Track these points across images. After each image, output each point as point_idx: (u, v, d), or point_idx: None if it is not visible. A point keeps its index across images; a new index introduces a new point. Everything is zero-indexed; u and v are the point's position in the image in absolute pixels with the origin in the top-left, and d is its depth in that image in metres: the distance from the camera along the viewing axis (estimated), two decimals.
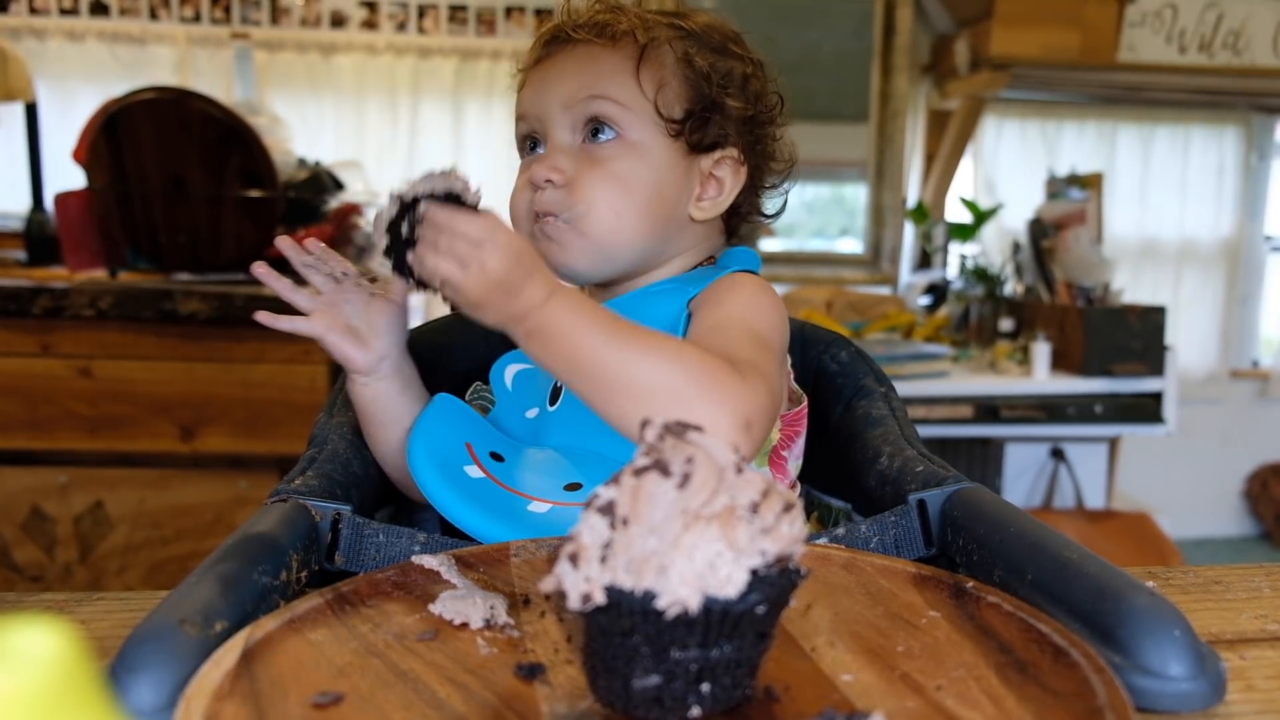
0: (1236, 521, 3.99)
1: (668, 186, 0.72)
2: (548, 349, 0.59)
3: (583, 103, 0.71)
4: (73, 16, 3.09)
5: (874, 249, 3.54)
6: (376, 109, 3.25)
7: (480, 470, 0.67)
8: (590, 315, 0.59)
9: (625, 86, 0.71)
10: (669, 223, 0.74)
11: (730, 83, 0.74)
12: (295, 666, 0.43)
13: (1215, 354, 3.87)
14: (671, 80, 0.72)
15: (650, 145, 0.72)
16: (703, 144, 0.73)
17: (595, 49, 0.72)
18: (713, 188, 0.75)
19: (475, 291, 0.57)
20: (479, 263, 0.56)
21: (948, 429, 2.57)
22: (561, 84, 0.72)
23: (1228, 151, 3.77)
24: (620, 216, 0.71)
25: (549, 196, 0.71)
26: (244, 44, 3.19)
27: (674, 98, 0.72)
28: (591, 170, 0.71)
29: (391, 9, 3.24)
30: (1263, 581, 0.59)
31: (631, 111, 0.71)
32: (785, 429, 0.74)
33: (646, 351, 0.58)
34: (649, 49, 0.72)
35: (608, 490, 0.39)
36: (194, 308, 1.72)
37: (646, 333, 0.60)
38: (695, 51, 0.73)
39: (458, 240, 0.56)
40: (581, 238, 0.71)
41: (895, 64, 3.39)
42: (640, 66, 0.71)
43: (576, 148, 0.72)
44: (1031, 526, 0.54)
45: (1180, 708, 0.42)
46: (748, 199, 0.79)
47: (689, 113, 0.72)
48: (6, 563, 1.79)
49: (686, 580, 0.37)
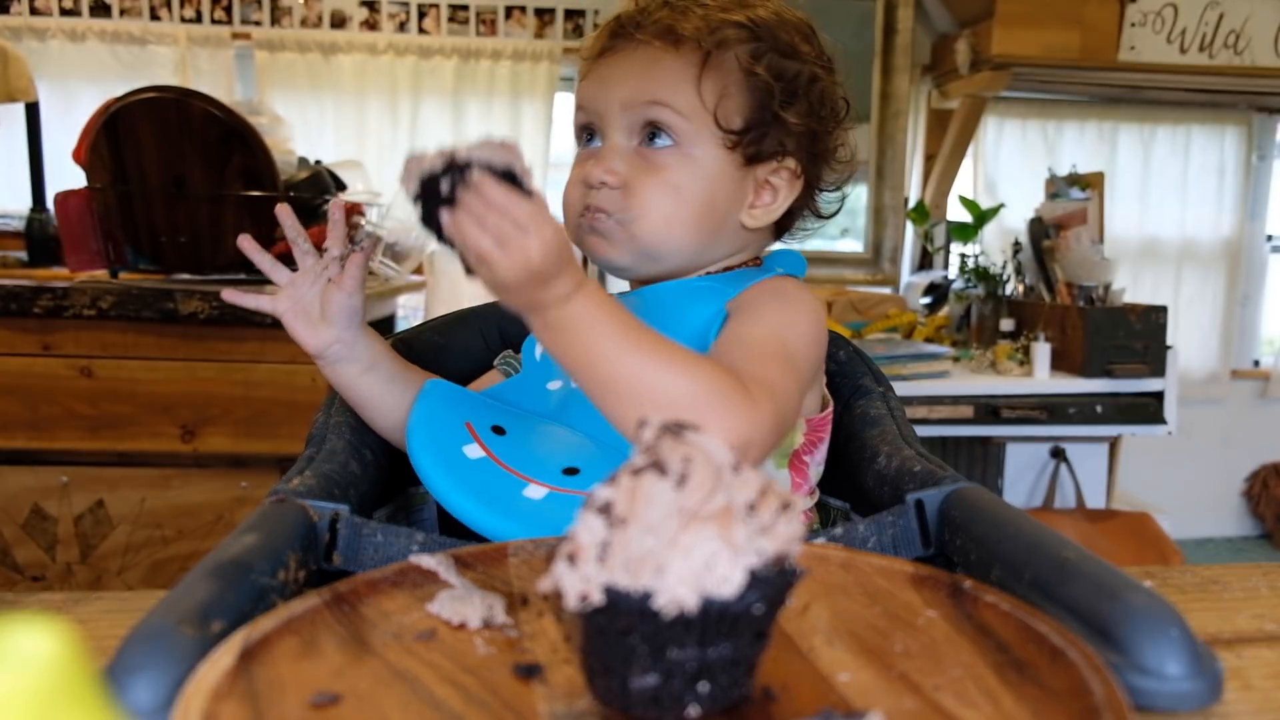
0: (1237, 522, 3.99)
1: (720, 196, 0.73)
2: (563, 343, 0.58)
3: (642, 107, 0.71)
4: (74, 16, 3.10)
5: (875, 249, 3.54)
6: (377, 109, 3.25)
7: (480, 448, 0.68)
8: (611, 317, 0.58)
9: (685, 95, 0.71)
10: (720, 229, 0.74)
11: (795, 91, 0.73)
12: (293, 667, 0.43)
13: (1216, 354, 3.86)
14: (733, 90, 0.72)
15: (706, 155, 0.72)
16: (760, 155, 0.73)
17: (658, 51, 0.72)
18: (767, 195, 0.75)
19: (510, 275, 0.56)
20: (521, 248, 0.55)
21: (948, 429, 2.57)
22: (623, 84, 0.72)
23: (1228, 151, 3.76)
24: (671, 224, 0.71)
25: (603, 196, 0.72)
26: (245, 44, 3.19)
27: (734, 109, 0.72)
28: (647, 177, 0.71)
29: (392, 9, 3.24)
30: (1260, 581, 0.59)
31: (690, 121, 0.71)
32: (810, 433, 0.74)
33: (659, 361, 0.58)
34: (713, 56, 0.71)
35: (605, 490, 0.39)
36: (195, 307, 1.73)
37: (663, 342, 0.60)
38: (761, 57, 0.72)
39: (505, 219, 0.55)
40: (631, 239, 0.72)
41: (896, 64, 3.39)
42: (702, 75, 0.71)
43: (632, 150, 0.72)
44: (1029, 526, 0.54)
45: (1177, 707, 0.42)
46: (802, 204, 0.78)
47: (748, 125, 0.72)
48: (7, 562, 1.79)
49: (684, 580, 0.37)
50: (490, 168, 0.56)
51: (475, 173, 0.56)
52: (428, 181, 0.57)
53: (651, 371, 0.58)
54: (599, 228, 0.73)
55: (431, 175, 0.56)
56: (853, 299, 2.85)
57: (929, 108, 3.51)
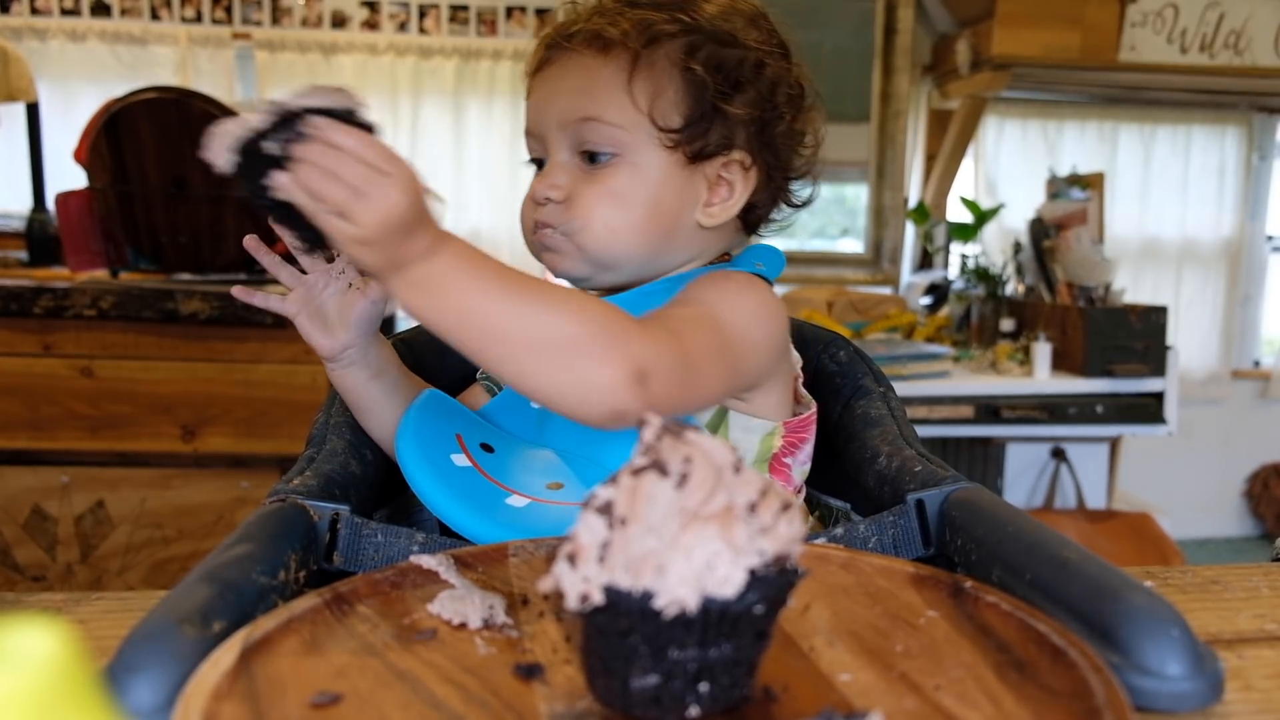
0: (1238, 522, 3.99)
1: (667, 198, 0.71)
2: (432, 301, 0.54)
3: (575, 126, 0.70)
4: (74, 16, 3.10)
5: (875, 249, 3.54)
6: (377, 109, 3.20)
7: (467, 458, 0.68)
8: (480, 266, 0.55)
9: (616, 103, 0.69)
10: (672, 233, 0.72)
11: (738, 81, 0.70)
12: (293, 666, 0.43)
13: (1216, 354, 3.86)
14: (668, 87, 0.69)
15: (647, 159, 0.70)
16: (704, 152, 0.71)
17: (588, 60, 0.70)
18: (722, 192, 0.73)
19: (371, 227, 0.51)
20: (384, 194, 0.51)
21: (949, 429, 2.57)
22: (556, 102, 0.71)
23: (1229, 151, 3.76)
24: (616, 232, 0.70)
25: (549, 211, 0.71)
26: (245, 44, 3.19)
27: (670, 106, 0.69)
28: (588, 187, 0.70)
29: (392, 9, 3.24)
30: (1261, 581, 0.59)
31: (626, 130, 0.69)
32: (789, 435, 0.73)
33: (538, 303, 0.55)
34: (642, 56, 0.69)
35: (606, 490, 0.39)
36: (195, 307, 1.73)
37: (540, 284, 0.56)
38: (697, 50, 0.70)
39: (359, 165, 0.51)
40: (579, 250, 0.71)
41: (896, 64, 3.39)
42: (633, 77, 0.69)
43: (575, 165, 0.71)
44: (1030, 526, 0.54)
45: (1178, 707, 0.42)
46: (765, 196, 0.75)
47: (687, 121, 0.69)
48: (8, 563, 1.79)
49: (685, 580, 0.37)
50: (328, 114, 0.51)
51: (310, 121, 0.50)
52: (249, 147, 0.50)
53: (532, 314, 0.54)
54: (548, 242, 0.72)
55: (252, 138, 0.50)
56: (853, 299, 2.85)
57: (929, 108, 3.51)
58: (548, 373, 0.55)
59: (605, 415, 0.55)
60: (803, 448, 0.75)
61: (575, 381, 0.55)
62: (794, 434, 0.74)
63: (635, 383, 0.55)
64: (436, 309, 0.54)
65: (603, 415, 0.55)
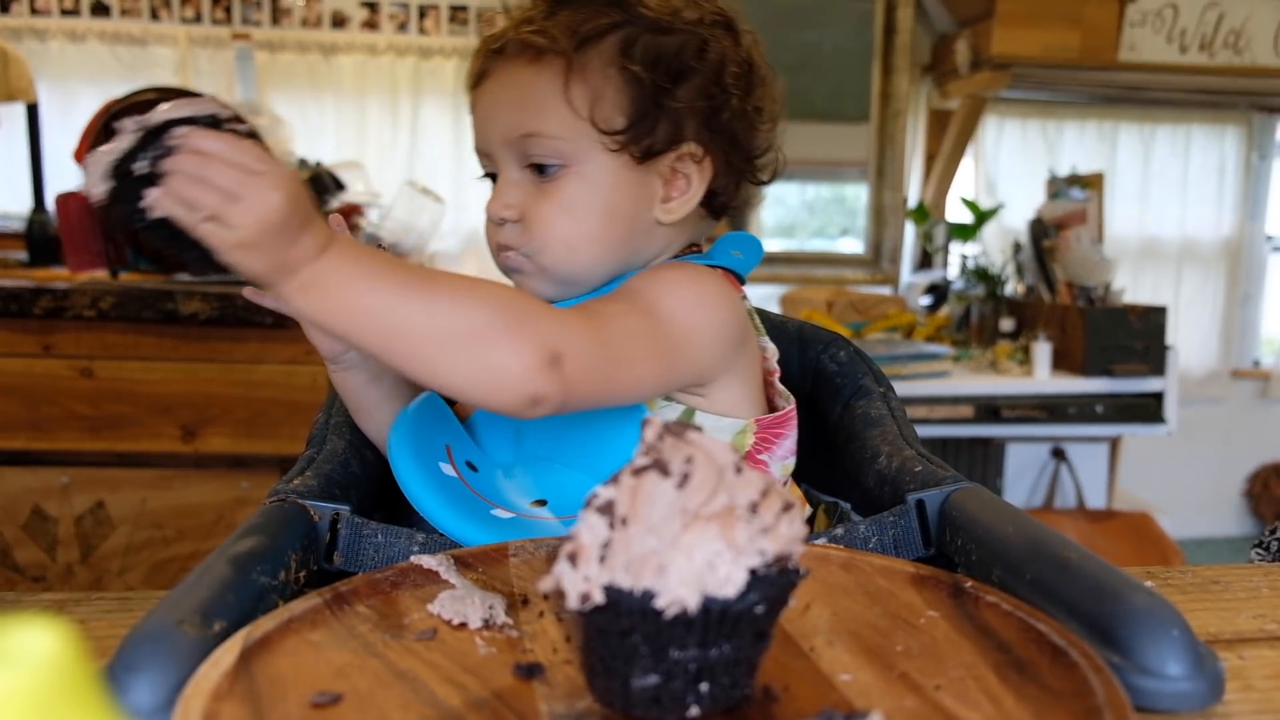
0: (1238, 521, 3.99)
1: (621, 203, 0.69)
2: (327, 305, 0.52)
3: (518, 142, 0.68)
4: (74, 17, 3.10)
5: (875, 249, 3.54)
6: (377, 109, 3.25)
7: (453, 470, 0.68)
8: (373, 263, 0.53)
9: (556, 114, 0.66)
10: (631, 236, 0.70)
11: (680, 69, 0.67)
12: (294, 666, 0.43)
13: (1216, 354, 3.86)
14: (606, 89, 0.66)
15: (596, 167, 0.68)
16: (653, 150, 0.68)
17: (521, 70, 0.68)
18: (680, 185, 0.71)
19: (249, 229, 0.49)
20: (260, 195, 0.49)
21: (949, 429, 2.57)
22: (498, 118, 0.69)
23: (1228, 151, 3.77)
24: (574, 248, 0.68)
25: (507, 233, 0.69)
26: (245, 44, 3.19)
27: (612, 108, 0.67)
28: (539, 204, 0.68)
29: (392, 9, 3.24)
30: (1261, 581, 0.59)
31: (568, 140, 0.67)
32: (761, 432, 0.71)
33: (438, 295, 0.54)
34: (575, 61, 0.66)
35: (607, 490, 0.39)
36: (195, 308, 1.73)
37: (439, 275, 0.55)
38: (632, 44, 0.67)
39: (231, 168, 0.49)
40: (542, 270, 0.69)
41: (896, 64, 3.39)
42: (568, 84, 0.66)
43: (527, 180, 0.69)
44: (1030, 526, 0.54)
45: (1178, 707, 0.42)
46: (727, 181, 0.73)
47: (631, 120, 0.67)
48: (8, 563, 1.79)
49: (685, 580, 0.37)
50: (193, 121, 0.49)
51: (176, 131, 0.48)
52: (120, 170, 0.49)
53: (430, 309, 0.53)
54: (511, 264, 0.70)
55: (121, 160, 0.49)
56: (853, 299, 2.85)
57: (929, 108, 3.51)
58: (455, 364, 0.54)
59: (520, 401, 0.54)
60: (781, 444, 0.72)
61: (484, 370, 0.54)
62: (768, 430, 0.71)
63: (547, 365, 0.54)
64: (332, 311, 0.52)
65: (517, 401, 0.54)
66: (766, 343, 0.76)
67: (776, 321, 0.86)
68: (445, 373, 0.54)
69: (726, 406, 0.70)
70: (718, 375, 0.69)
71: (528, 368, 0.54)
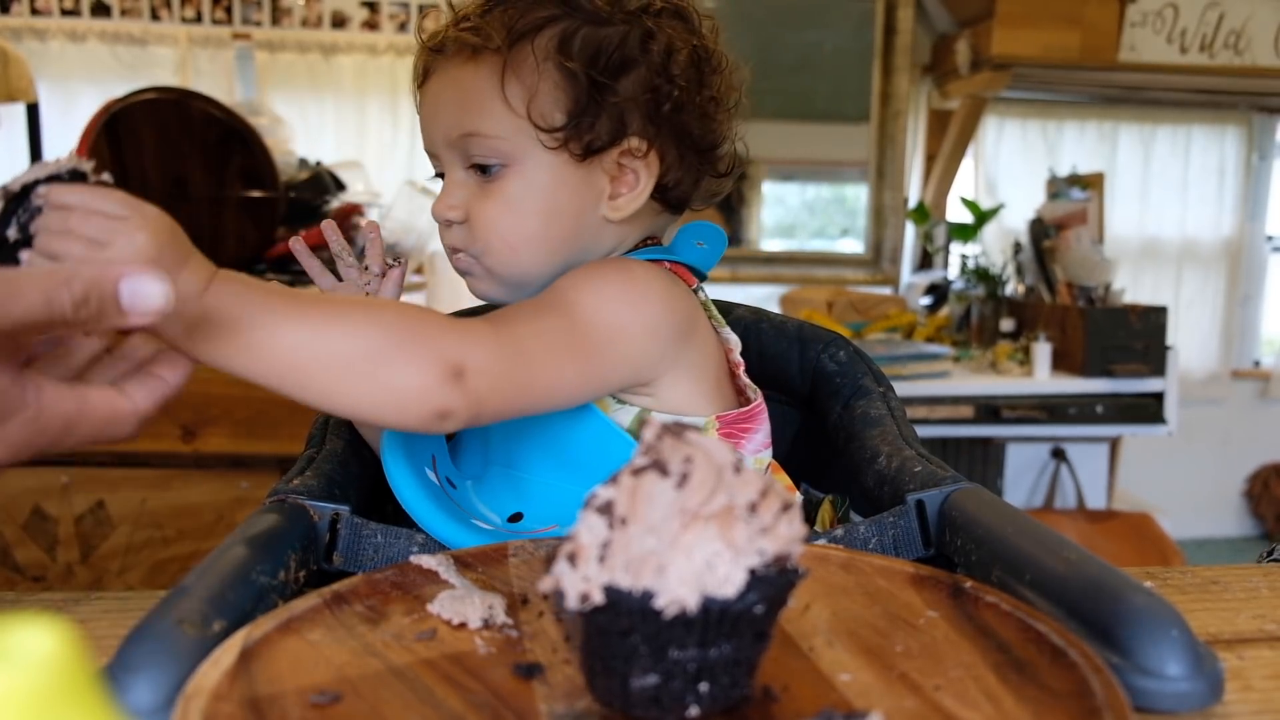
0: (1238, 522, 3.99)
1: (564, 201, 0.67)
2: (217, 343, 0.50)
3: (459, 142, 0.67)
4: (74, 17, 3.10)
5: (875, 249, 3.54)
6: (377, 109, 3.25)
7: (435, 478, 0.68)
8: (261, 295, 0.51)
9: (493, 113, 0.65)
10: (577, 234, 0.69)
11: (622, 61, 0.66)
12: (293, 666, 0.43)
13: (1216, 354, 3.87)
14: (543, 85, 0.65)
15: (536, 165, 0.66)
16: (594, 146, 0.66)
17: (458, 69, 0.67)
18: (628, 180, 0.68)
19: None
20: (124, 240, 0.47)
21: (949, 429, 2.57)
22: (439, 119, 0.68)
23: (1229, 151, 3.77)
24: (516, 248, 0.67)
25: (454, 234, 0.69)
26: (245, 44, 3.19)
27: (550, 104, 0.65)
28: (481, 204, 0.67)
29: (392, 9, 3.24)
30: (1260, 582, 0.59)
31: (507, 138, 0.66)
32: (724, 429, 0.69)
33: (329, 320, 0.52)
34: (511, 58, 0.65)
35: (606, 490, 0.39)
36: None
37: (330, 301, 0.55)
38: (570, 38, 0.65)
39: (93, 218, 0.48)
40: (489, 272, 0.69)
41: (896, 64, 3.39)
42: (505, 81, 0.65)
43: (471, 181, 0.68)
44: (1029, 527, 0.54)
45: (1178, 707, 0.42)
46: (680, 174, 0.70)
47: (570, 116, 0.65)
48: (8, 563, 1.79)
49: (685, 580, 0.37)
50: (57, 178, 0.49)
51: (40, 190, 0.48)
52: None
53: (328, 333, 0.52)
54: (461, 266, 0.70)
55: None
56: (853, 299, 2.85)
57: (929, 108, 3.51)
58: (352, 389, 0.53)
59: (426, 418, 0.54)
60: (750, 437, 0.71)
61: (384, 391, 0.53)
62: (733, 426, 0.69)
63: (450, 379, 0.54)
64: (222, 351, 0.50)
65: (423, 418, 0.54)
66: (728, 334, 0.74)
67: (777, 321, 0.86)
68: (344, 398, 0.53)
69: (679, 404, 0.68)
70: (661, 373, 0.66)
71: (427, 384, 0.53)
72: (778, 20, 3.27)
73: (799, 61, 3.31)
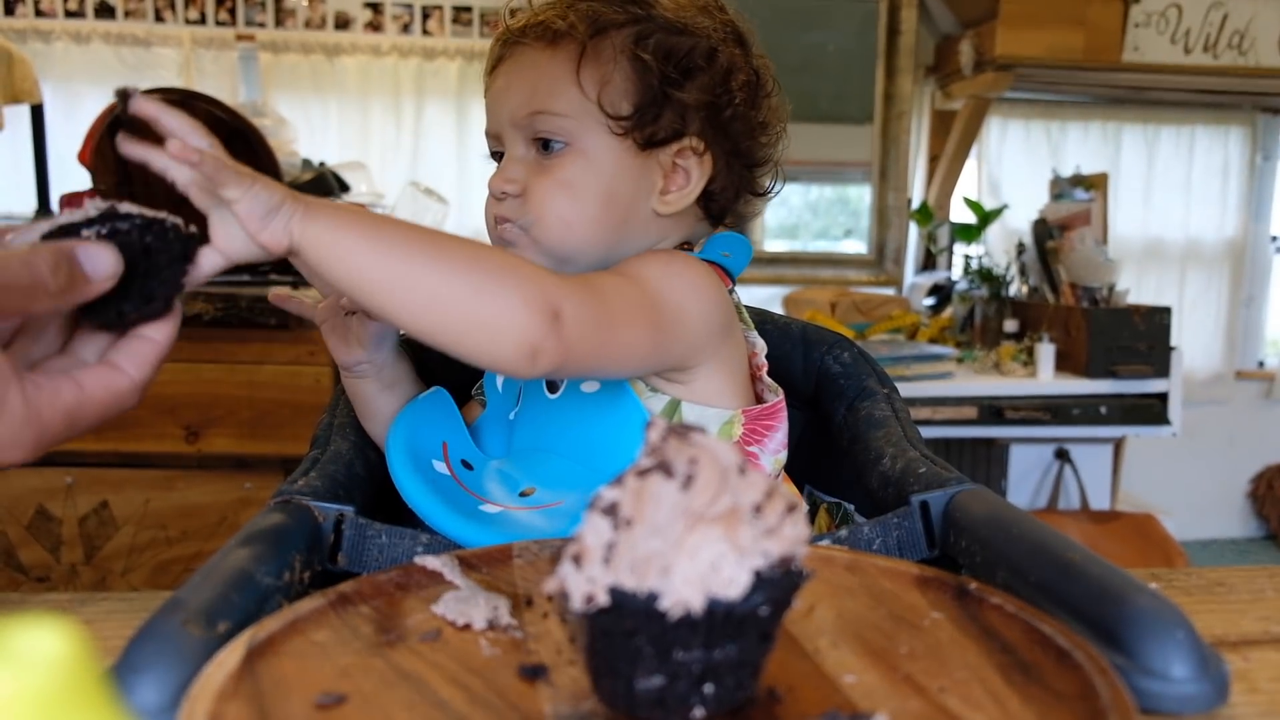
0: (1242, 523, 3.98)
1: (621, 187, 0.70)
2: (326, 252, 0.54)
3: (527, 120, 0.70)
4: (78, 18, 3.10)
5: (878, 250, 3.54)
6: (381, 110, 3.25)
7: (446, 468, 0.69)
8: (370, 217, 0.56)
9: (565, 94, 0.69)
10: (627, 222, 0.71)
11: (689, 68, 0.70)
12: (298, 667, 0.43)
13: (1220, 355, 3.86)
14: (615, 75, 0.69)
15: (599, 148, 0.70)
16: (656, 138, 0.70)
17: (537, 54, 0.70)
18: (679, 179, 0.73)
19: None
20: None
21: (952, 430, 2.57)
22: (508, 99, 0.71)
23: (1233, 152, 3.76)
24: (570, 225, 0.69)
25: (507, 205, 0.71)
26: (249, 46, 3.19)
27: (619, 94, 0.69)
28: (540, 179, 0.70)
29: (396, 10, 3.25)
30: (1266, 584, 0.59)
31: (574, 118, 0.69)
32: (749, 424, 0.72)
33: (446, 246, 0.55)
34: (590, 46, 0.69)
35: (611, 491, 0.39)
36: (199, 309, 1.73)
37: (438, 232, 0.57)
38: (647, 38, 0.69)
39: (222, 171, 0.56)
40: (535, 244, 0.71)
41: (899, 65, 3.39)
42: (581, 66, 0.69)
43: (531, 159, 0.71)
44: (1034, 528, 0.54)
45: (1183, 709, 0.42)
46: (725, 184, 0.74)
47: (637, 107, 0.69)
48: (12, 563, 1.80)
49: (690, 581, 0.37)
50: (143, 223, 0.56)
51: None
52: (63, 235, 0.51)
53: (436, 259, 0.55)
54: (507, 236, 0.71)
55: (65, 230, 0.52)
56: (856, 300, 2.85)
57: (932, 109, 3.51)
58: (459, 310, 0.55)
59: (518, 351, 0.55)
60: (772, 435, 0.73)
61: (489, 315, 0.55)
62: (756, 422, 0.72)
63: (549, 319, 0.55)
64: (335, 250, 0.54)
65: (516, 351, 0.55)
66: (754, 337, 0.77)
67: (780, 323, 0.86)
68: (446, 319, 0.55)
69: (710, 396, 0.71)
70: (702, 361, 0.69)
71: (530, 317, 0.55)
72: (781, 21, 3.27)
73: (802, 62, 3.31)
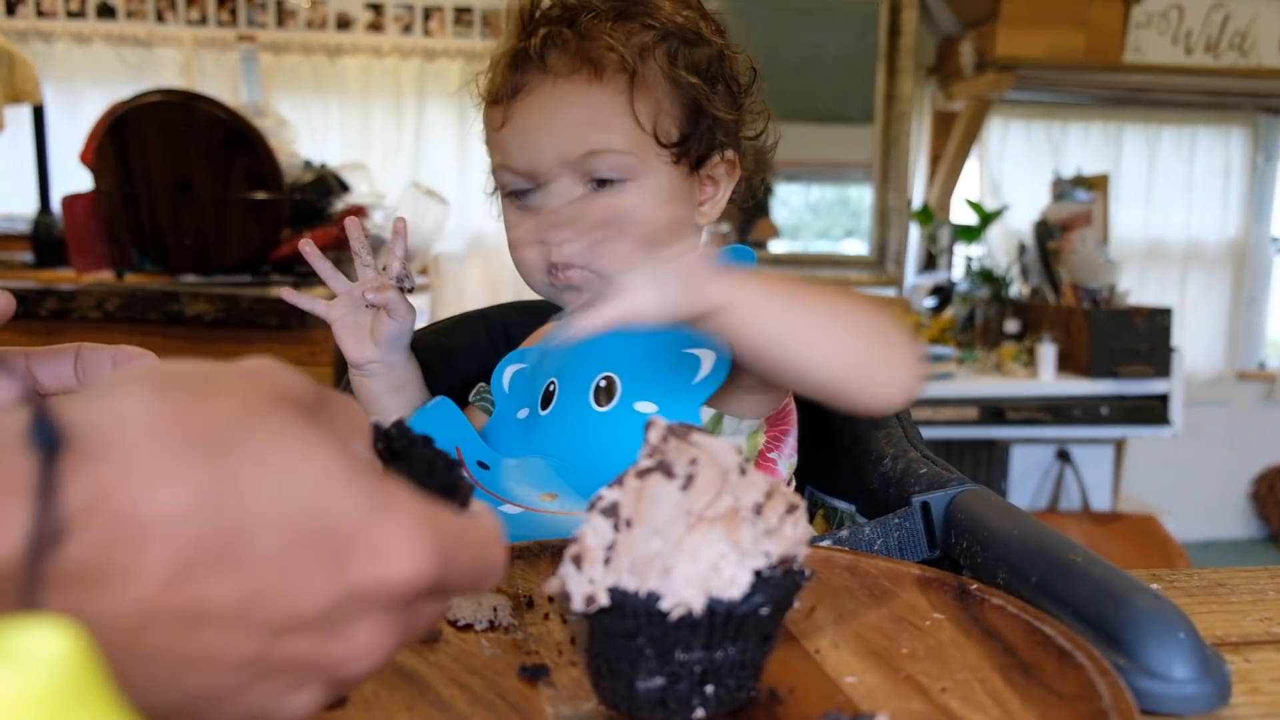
0: (1243, 524, 3.97)
1: (679, 212, 0.72)
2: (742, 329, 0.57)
3: (583, 160, 0.68)
4: (79, 19, 3.11)
5: (879, 251, 3.53)
6: (382, 111, 3.25)
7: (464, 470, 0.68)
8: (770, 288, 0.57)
9: (623, 129, 0.67)
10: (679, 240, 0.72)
11: (714, 78, 0.70)
12: None
13: (1221, 355, 3.86)
14: (664, 102, 0.68)
15: (658, 178, 0.69)
16: (702, 159, 0.72)
17: (581, 88, 0.67)
18: (709, 189, 0.74)
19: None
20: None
21: (953, 431, 2.57)
22: (554, 135, 0.68)
23: (1234, 153, 3.76)
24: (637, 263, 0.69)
25: (569, 250, 0.68)
26: (250, 46, 3.20)
27: (670, 122, 0.69)
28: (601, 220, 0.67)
29: (397, 11, 3.25)
30: (1268, 584, 0.59)
31: (634, 154, 0.68)
32: (771, 429, 0.72)
33: (837, 300, 0.58)
34: (638, 76, 0.67)
35: (611, 492, 0.39)
36: (200, 309, 1.73)
37: (821, 289, 0.59)
38: (676, 56, 0.69)
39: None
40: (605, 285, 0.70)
41: (900, 65, 3.39)
42: (634, 99, 0.67)
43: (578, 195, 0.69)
44: (1035, 529, 0.54)
45: (1185, 710, 0.42)
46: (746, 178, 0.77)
47: (685, 132, 0.69)
48: None
49: (690, 582, 0.37)
50: None
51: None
52: None
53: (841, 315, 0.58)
54: (575, 282, 0.70)
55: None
56: None
57: (933, 109, 3.50)
58: (867, 363, 0.58)
59: (906, 398, 0.59)
60: (786, 441, 0.74)
61: (897, 369, 0.59)
62: (775, 428, 0.73)
63: (920, 360, 0.59)
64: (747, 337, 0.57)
65: (905, 398, 0.59)
66: None
67: None
68: (857, 369, 0.58)
69: (754, 408, 0.72)
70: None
71: (919, 369, 0.59)
72: (782, 22, 3.26)
73: (803, 63, 3.31)
